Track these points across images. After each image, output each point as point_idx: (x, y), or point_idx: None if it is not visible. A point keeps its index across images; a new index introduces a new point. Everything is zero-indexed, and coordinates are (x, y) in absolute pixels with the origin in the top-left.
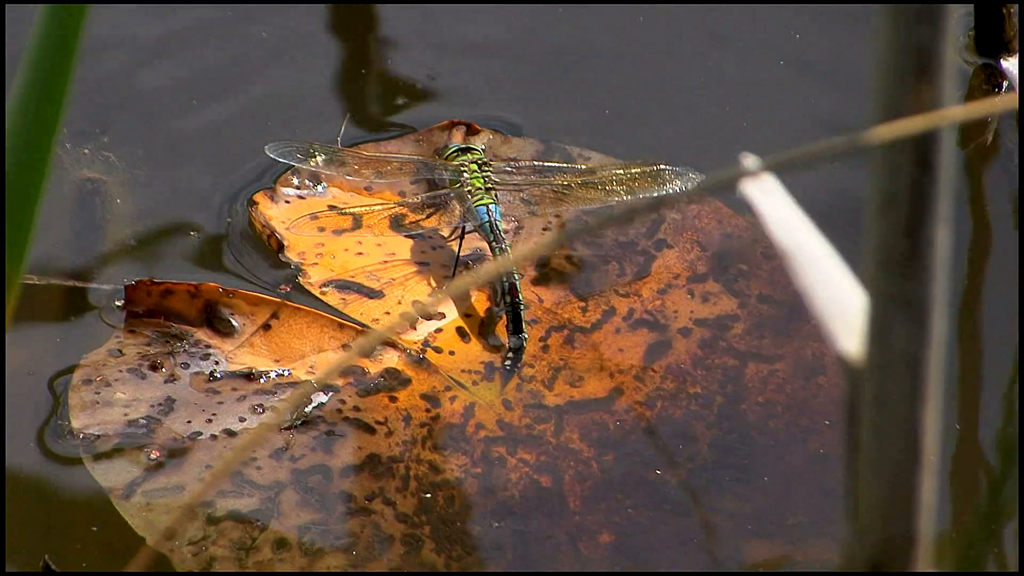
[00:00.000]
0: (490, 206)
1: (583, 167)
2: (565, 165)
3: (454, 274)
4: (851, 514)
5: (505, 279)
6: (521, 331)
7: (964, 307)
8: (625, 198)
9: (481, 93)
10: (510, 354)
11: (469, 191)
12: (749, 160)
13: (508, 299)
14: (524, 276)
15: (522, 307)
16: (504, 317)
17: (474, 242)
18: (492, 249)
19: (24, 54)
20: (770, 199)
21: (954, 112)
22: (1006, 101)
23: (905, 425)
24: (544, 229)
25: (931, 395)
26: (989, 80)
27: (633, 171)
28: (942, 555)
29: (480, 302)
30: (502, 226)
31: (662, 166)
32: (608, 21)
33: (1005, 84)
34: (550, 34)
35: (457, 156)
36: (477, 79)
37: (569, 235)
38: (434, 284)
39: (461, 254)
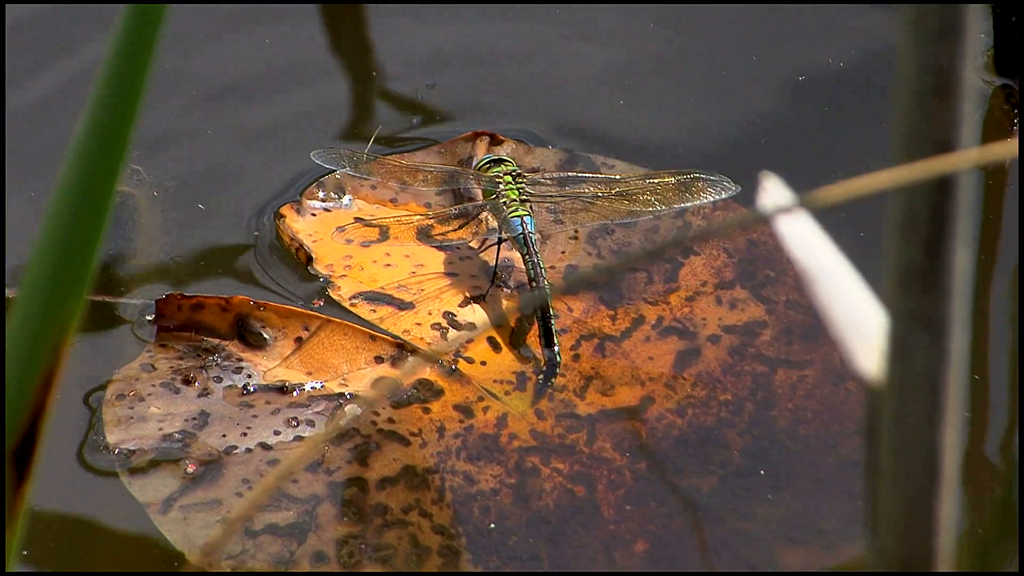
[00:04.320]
0: (525, 218)
1: (617, 177)
2: (599, 176)
3: (491, 286)
4: (872, 532)
5: (537, 293)
6: (553, 344)
7: (981, 320)
8: (659, 209)
9: (488, 104)
10: (544, 367)
11: (504, 203)
12: (770, 180)
13: (539, 313)
14: (554, 286)
15: (553, 321)
16: (536, 327)
17: (502, 251)
18: (524, 262)
19: (95, 79)
20: (791, 218)
21: (968, 156)
22: (1012, 147)
23: (924, 444)
24: (572, 238)
25: (950, 414)
26: (1008, 100)
27: (667, 180)
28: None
29: (510, 313)
30: (536, 238)
31: (696, 174)
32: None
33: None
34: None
35: (490, 168)
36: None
37: (617, 266)
38: (465, 295)
39: (490, 263)
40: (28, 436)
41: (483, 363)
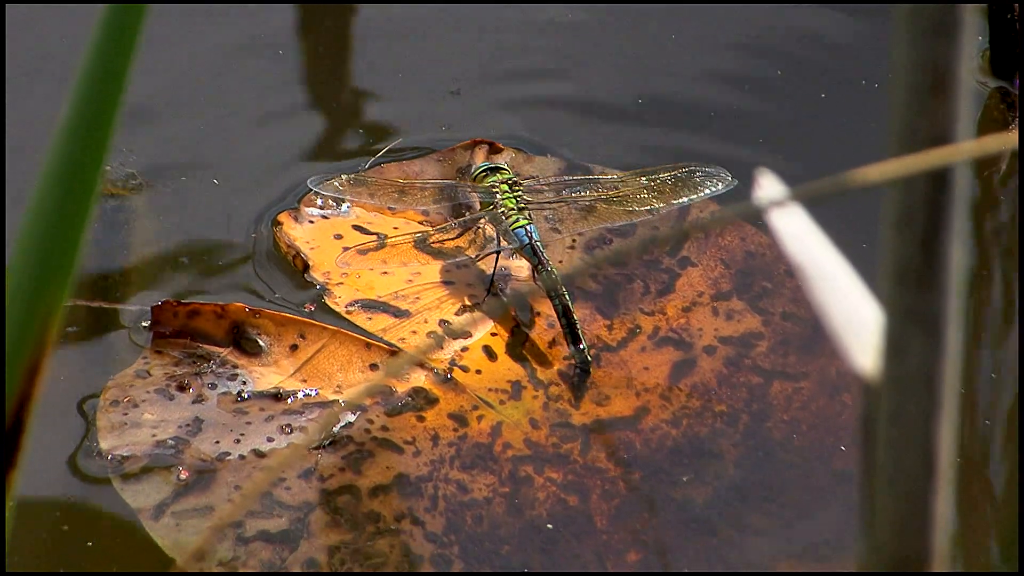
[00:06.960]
0: (528, 227)
1: (614, 177)
2: (596, 178)
3: (487, 295)
4: (867, 530)
5: (557, 300)
6: (580, 342)
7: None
8: (657, 207)
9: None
10: (578, 369)
11: (503, 212)
12: (766, 176)
13: (564, 321)
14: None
15: (578, 323)
16: (534, 335)
17: (500, 260)
18: (536, 270)
19: (77, 76)
20: (786, 215)
21: (966, 148)
22: (1010, 139)
23: (921, 441)
24: (568, 247)
25: (947, 411)
26: (1004, 101)
27: (663, 176)
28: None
29: (506, 321)
30: (542, 245)
31: (691, 166)
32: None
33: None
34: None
35: (486, 177)
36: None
37: (616, 256)
38: (462, 303)
39: (487, 272)
40: (15, 425)
41: (478, 372)
